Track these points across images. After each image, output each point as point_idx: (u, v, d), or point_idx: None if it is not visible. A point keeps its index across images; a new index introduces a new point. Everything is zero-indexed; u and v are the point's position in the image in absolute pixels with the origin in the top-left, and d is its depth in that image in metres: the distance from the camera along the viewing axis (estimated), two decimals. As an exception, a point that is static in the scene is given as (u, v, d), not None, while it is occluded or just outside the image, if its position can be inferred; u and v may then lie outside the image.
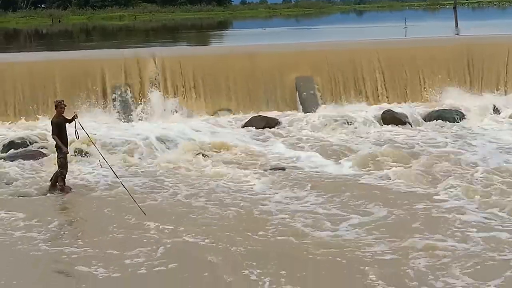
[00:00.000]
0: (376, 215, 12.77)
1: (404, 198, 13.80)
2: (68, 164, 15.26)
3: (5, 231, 12.25)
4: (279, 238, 11.66)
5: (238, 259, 10.72)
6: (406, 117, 21.63)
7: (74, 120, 14.91)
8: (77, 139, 15.33)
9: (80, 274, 10.27)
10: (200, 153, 17.83)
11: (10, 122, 21.49)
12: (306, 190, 14.60)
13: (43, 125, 20.08)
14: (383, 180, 15.30)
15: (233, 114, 22.66)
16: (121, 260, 10.71)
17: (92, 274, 10.25)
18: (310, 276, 10.04)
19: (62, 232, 12.35)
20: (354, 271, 10.16)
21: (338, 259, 10.62)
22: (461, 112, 22.03)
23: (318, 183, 15.23)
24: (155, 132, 19.60)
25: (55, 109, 15.27)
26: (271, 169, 16.42)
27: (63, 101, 15.48)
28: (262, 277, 9.97)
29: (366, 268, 10.20)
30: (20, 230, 12.28)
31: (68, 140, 15.21)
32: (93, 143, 16.11)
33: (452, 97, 23.41)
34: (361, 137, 19.76)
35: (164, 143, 18.91)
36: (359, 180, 15.42)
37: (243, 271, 10.25)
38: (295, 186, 14.98)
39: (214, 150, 18.23)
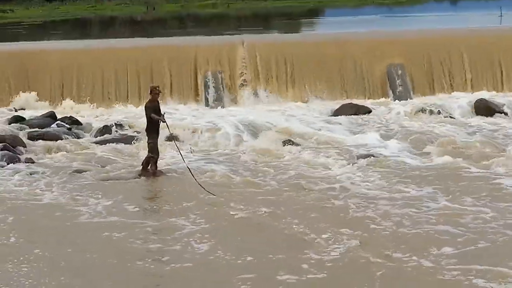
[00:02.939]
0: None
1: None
2: (160, 149, 15.50)
3: (96, 214, 12.50)
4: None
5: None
6: (501, 106, 21.05)
7: (161, 121, 15.04)
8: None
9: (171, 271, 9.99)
10: (288, 140, 17.79)
11: (104, 107, 22.04)
12: (395, 180, 14.24)
13: (135, 111, 20.59)
14: (481, 171, 14.74)
15: (323, 101, 22.56)
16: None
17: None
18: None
19: (145, 215, 12.51)
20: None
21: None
22: None
23: (409, 173, 14.76)
24: (244, 119, 19.72)
25: (150, 94, 15.42)
26: (359, 157, 16.13)
27: (158, 86, 15.73)
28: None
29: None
30: (110, 214, 12.47)
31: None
32: (175, 144, 16.00)
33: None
34: (454, 126, 19.30)
35: (252, 130, 18.97)
36: (452, 171, 14.87)
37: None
38: (382, 175, 14.67)
39: (302, 137, 18.15)
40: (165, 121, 14.92)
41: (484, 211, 11.98)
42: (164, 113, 15.22)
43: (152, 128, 15.16)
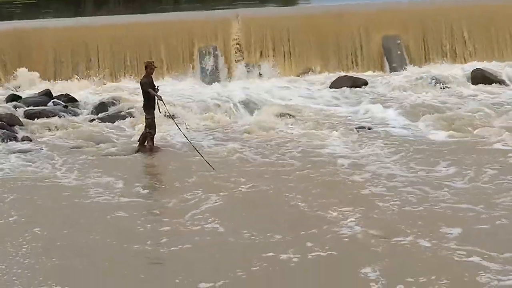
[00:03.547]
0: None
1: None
2: (157, 125, 15.46)
3: (96, 193, 12.45)
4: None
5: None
6: (497, 75, 21.01)
7: (158, 98, 14.95)
8: (160, 113, 15.37)
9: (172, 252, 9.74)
10: (286, 114, 17.75)
11: (100, 84, 22.00)
12: (400, 154, 14.01)
13: (131, 87, 20.55)
14: (474, 140, 14.73)
15: (319, 75, 22.52)
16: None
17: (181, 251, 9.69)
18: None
19: (147, 192, 12.50)
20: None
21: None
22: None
23: (414, 146, 14.60)
24: (240, 94, 19.70)
25: (145, 69, 15.35)
26: (356, 129, 16.21)
27: (153, 62, 15.69)
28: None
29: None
30: (111, 192, 12.39)
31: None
32: (172, 119, 15.93)
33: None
34: (450, 97, 19.29)
35: (249, 104, 18.95)
36: (456, 144, 14.69)
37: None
38: (379, 145, 14.68)
39: (300, 111, 18.13)
40: (161, 99, 14.88)
41: (498, 187, 11.59)
42: (158, 86, 15.21)
43: (149, 104, 15.14)
